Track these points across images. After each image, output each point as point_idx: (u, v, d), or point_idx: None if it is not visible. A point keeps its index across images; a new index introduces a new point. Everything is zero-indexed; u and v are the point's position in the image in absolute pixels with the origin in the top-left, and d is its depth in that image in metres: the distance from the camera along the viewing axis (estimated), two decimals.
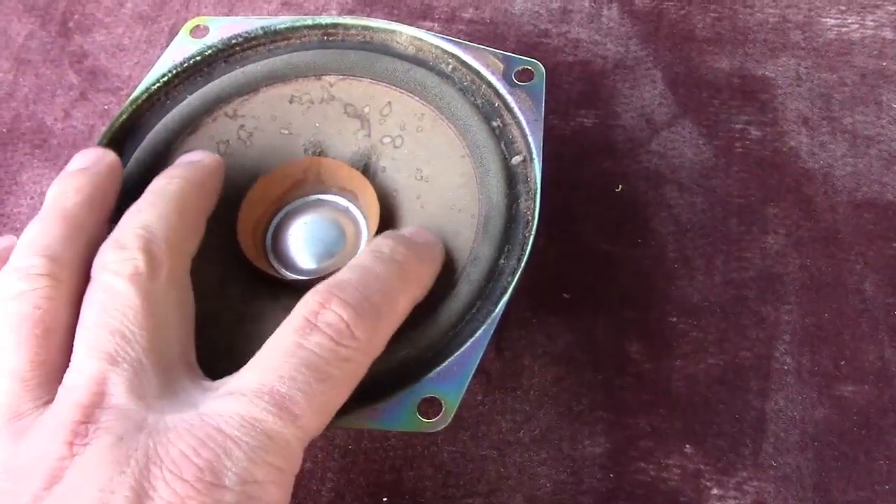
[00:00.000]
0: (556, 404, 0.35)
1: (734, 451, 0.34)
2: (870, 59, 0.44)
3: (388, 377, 0.29)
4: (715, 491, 0.34)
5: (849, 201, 0.40)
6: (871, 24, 0.45)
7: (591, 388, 0.36)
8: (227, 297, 0.33)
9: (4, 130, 0.45)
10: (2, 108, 0.45)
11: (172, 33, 0.47)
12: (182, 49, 0.37)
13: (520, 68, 0.35)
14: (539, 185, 0.33)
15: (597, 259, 0.39)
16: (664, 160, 0.42)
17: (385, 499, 0.34)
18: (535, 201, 0.32)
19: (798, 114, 0.43)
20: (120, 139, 0.35)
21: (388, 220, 0.35)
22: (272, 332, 0.32)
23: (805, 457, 0.34)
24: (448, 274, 0.32)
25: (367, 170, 0.36)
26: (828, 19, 0.46)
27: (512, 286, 0.30)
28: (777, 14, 0.46)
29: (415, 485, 0.34)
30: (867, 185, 0.40)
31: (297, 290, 0.34)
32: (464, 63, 0.36)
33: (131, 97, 0.36)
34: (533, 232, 0.31)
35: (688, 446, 0.34)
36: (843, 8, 0.46)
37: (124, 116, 0.36)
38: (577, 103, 0.44)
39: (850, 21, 0.46)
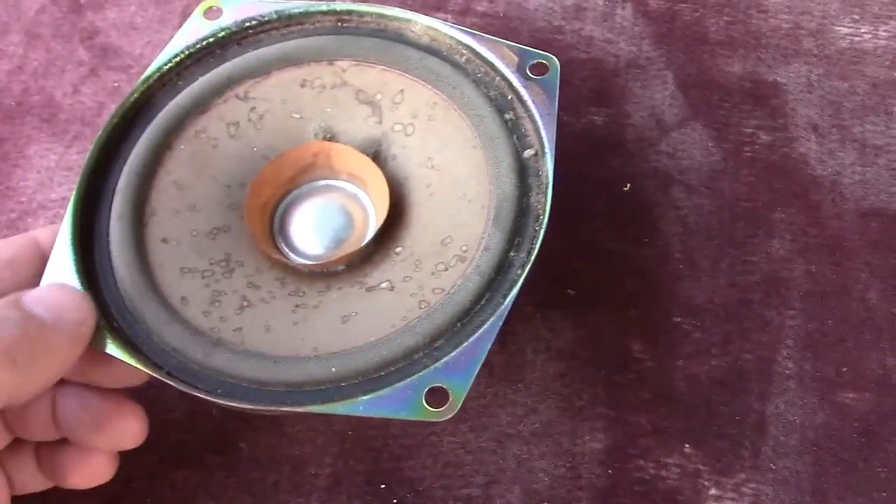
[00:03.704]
0: (557, 399, 0.35)
1: (733, 453, 0.34)
2: (881, 68, 0.44)
3: (395, 366, 0.29)
4: (713, 491, 0.34)
5: (855, 210, 0.40)
6: (885, 34, 0.45)
7: (592, 384, 0.36)
8: (233, 279, 0.33)
9: (13, 103, 0.44)
10: (11, 81, 0.45)
11: (185, 14, 0.46)
12: (195, 30, 0.37)
13: (534, 62, 0.35)
14: (551, 180, 0.32)
15: (603, 257, 0.39)
16: (673, 161, 0.42)
17: (383, 486, 0.34)
18: (546, 195, 0.32)
19: (808, 120, 0.43)
20: (131, 117, 0.35)
21: (397, 207, 0.35)
22: (277, 315, 0.32)
23: (804, 461, 0.34)
24: (458, 263, 0.32)
25: (377, 157, 0.36)
26: (841, 28, 0.46)
27: (521, 279, 0.30)
28: (791, 20, 0.46)
29: (413, 474, 0.34)
30: (874, 195, 0.41)
31: (304, 274, 0.34)
32: (478, 54, 0.36)
33: (143, 76, 0.36)
34: (543, 226, 0.31)
35: (687, 446, 0.34)
36: (856, 17, 0.46)
37: (136, 95, 0.35)
38: (588, 101, 0.44)
39: (863, 30, 0.46)
